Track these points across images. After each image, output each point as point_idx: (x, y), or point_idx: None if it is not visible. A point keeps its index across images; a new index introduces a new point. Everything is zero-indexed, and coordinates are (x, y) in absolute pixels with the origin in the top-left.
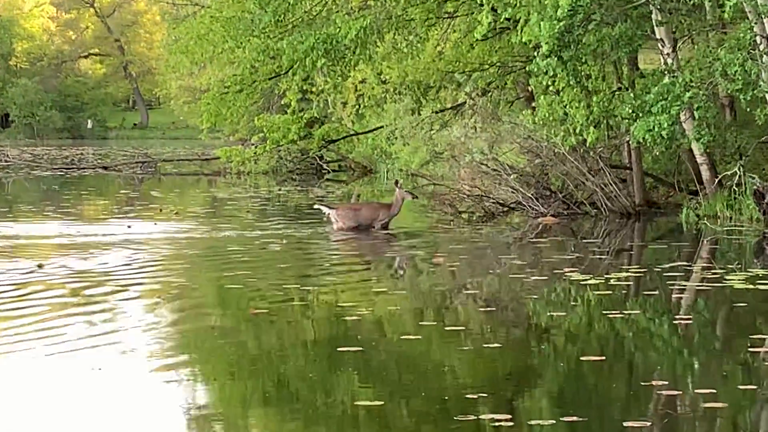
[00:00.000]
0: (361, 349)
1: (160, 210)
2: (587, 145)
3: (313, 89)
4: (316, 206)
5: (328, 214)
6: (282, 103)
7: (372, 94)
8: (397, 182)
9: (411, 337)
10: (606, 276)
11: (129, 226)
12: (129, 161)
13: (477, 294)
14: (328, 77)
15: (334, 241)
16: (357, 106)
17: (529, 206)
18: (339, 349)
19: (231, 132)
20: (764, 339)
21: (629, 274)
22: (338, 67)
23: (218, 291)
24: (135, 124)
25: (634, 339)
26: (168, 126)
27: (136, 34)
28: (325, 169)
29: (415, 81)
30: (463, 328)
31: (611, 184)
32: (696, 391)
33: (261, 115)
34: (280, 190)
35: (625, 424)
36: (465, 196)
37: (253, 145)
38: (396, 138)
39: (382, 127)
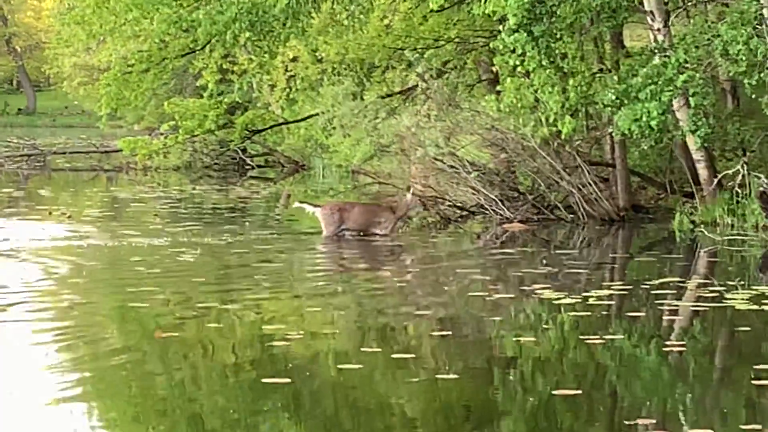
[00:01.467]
0: (290, 380)
1: (50, 213)
2: (562, 137)
3: (235, 69)
4: (297, 205)
5: (314, 213)
6: (197, 85)
7: (305, 75)
8: (410, 188)
9: (350, 366)
10: (584, 294)
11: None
12: (12, 154)
13: (430, 314)
14: (252, 54)
15: (260, 249)
16: (287, 90)
17: (493, 210)
18: (264, 380)
19: (136, 120)
20: None
21: (611, 291)
22: (265, 43)
23: (119, 310)
24: (20, 110)
25: (616, 369)
26: (60, 112)
27: (22, 1)
28: (249, 165)
29: (358, 60)
30: (413, 355)
31: (590, 185)
32: (690, 431)
33: (172, 99)
34: (194, 189)
35: None
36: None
37: (162, 135)
38: (334, 128)
39: (317, 114)
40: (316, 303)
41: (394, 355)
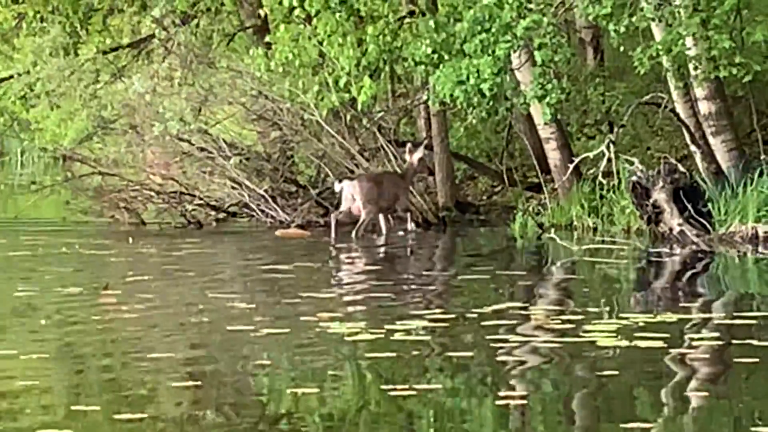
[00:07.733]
0: None
1: None
2: (358, 108)
3: None
4: (337, 184)
5: (342, 189)
6: None
7: None
8: (412, 143)
9: None
10: (388, 327)
11: None
12: None
13: (173, 357)
14: None
15: None
16: None
17: (261, 210)
18: None
19: None
20: (647, 430)
21: (426, 323)
22: None
23: None
24: None
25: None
26: None
27: None
28: None
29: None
30: (146, 414)
31: None
32: None
33: None
34: None
35: None
36: (153, 193)
37: None
38: (37, 96)
39: (12, 77)
40: (8, 342)
41: (120, 416)
